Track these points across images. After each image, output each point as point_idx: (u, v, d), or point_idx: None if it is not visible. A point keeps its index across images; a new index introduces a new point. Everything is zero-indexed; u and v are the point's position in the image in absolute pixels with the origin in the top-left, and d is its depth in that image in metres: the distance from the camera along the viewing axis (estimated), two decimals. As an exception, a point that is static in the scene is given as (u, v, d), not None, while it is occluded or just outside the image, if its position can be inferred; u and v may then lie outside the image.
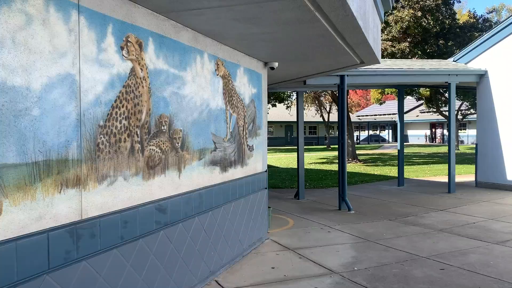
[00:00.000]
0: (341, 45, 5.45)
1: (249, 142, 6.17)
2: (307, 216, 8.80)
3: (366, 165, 20.46)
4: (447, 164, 20.21)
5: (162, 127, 4.08)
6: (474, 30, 19.96)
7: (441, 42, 18.44)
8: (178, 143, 4.33)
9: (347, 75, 9.37)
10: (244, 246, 5.96)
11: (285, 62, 6.82)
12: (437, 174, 15.82)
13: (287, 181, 14.98)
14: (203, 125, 4.84)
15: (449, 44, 18.65)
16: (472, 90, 18.57)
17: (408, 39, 17.47)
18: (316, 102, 40.24)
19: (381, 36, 17.09)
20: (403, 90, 12.37)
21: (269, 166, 22.26)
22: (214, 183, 5.08)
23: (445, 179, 14.24)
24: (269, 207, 7.63)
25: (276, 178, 15.89)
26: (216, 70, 5.14)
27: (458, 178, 13.11)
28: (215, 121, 5.12)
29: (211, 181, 5.02)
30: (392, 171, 17.01)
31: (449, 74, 10.74)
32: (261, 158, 6.64)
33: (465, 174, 15.25)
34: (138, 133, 3.74)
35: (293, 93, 37.24)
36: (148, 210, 3.84)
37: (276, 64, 6.74)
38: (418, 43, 18.16)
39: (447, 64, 11.51)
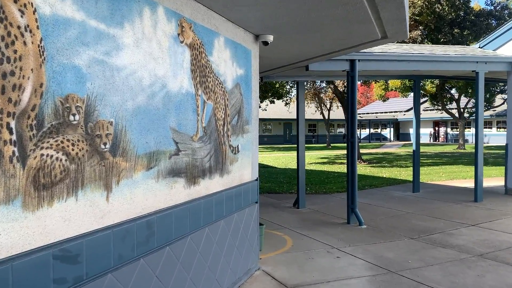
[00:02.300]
0: (362, 2, 3.77)
1: (232, 142, 4.50)
2: (309, 232, 7.13)
3: (371, 166, 18.81)
4: (460, 166, 18.69)
5: (71, 117, 2.40)
6: (492, 18, 18.27)
7: (456, 31, 16.73)
8: (105, 143, 2.66)
9: (359, 60, 7.70)
10: (224, 286, 4.29)
11: (283, 36, 5.14)
12: (454, 177, 14.16)
13: (285, 184, 13.32)
14: (156, 116, 3.16)
15: (464, 33, 16.94)
16: (493, 83, 16.93)
17: (420, 27, 15.80)
18: (316, 98, 38.64)
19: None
20: (419, 82, 10.70)
21: (266, 167, 20.57)
22: (175, 203, 3.41)
23: (465, 183, 12.61)
24: (261, 224, 5.97)
25: (273, 181, 14.23)
26: (179, 34, 3.46)
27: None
28: (178, 111, 3.45)
29: (170, 200, 3.35)
30: (402, 174, 15.36)
31: (477, 62, 9.08)
32: (250, 163, 4.97)
33: (484, 178, 13.57)
34: (13, 126, 2.06)
35: (293, 88, 35.53)
36: (39, 261, 2.17)
37: (270, 38, 5.06)
38: (431, 31, 16.47)
39: (473, 51, 9.86)
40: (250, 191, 4.93)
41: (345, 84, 20.35)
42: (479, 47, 10.41)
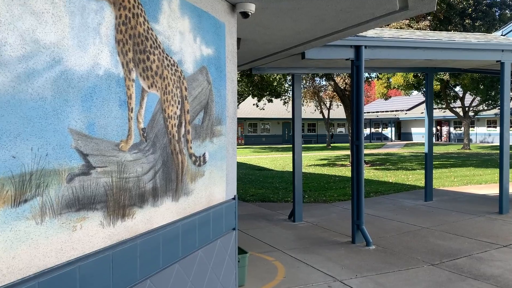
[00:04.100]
0: None
1: (195, 149, 3.19)
2: (306, 256, 5.83)
3: (375, 169, 17.50)
4: (471, 168, 17.26)
5: None
6: (506, 8, 16.98)
7: (467, 21, 15.44)
8: None
9: (365, 47, 6.40)
10: None
11: (269, 5, 3.84)
12: (468, 182, 12.85)
13: (281, 191, 12.00)
14: (39, 110, 1.86)
15: (476, 24, 15.66)
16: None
17: (429, 17, 14.51)
18: (316, 97, 37.42)
19: (396, 14, 14.05)
20: (432, 75, 9.41)
21: (262, 169, 19.19)
22: (83, 253, 2.10)
23: (482, 190, 11.31)
24: (244, 252, 4.69)
25: (268, 186, 12.91)
26: (92, -19, 2.15)
27: (496, 189, 10.12)
28: (88, 103, 2.14)
29: (72, 250, 2.04)
30: (410, 178, 14.05)
31: (502, 50, 7.78)
32: (224, 177, 3.66)
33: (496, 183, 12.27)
34: None
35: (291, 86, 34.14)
36: None
37: (251, 8, 3.76)
38: (440, 22, 15.19)
39: (496, 38, 8.56)
40: (223, 215, 3.62)
41: (346, 80, 19.05)
42: (501, 35, 9.11)
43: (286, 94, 34.44)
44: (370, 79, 27.91)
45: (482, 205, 9.08)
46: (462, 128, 39.36)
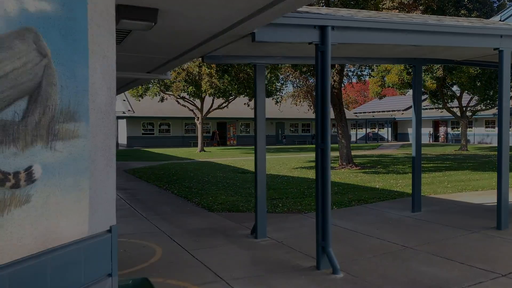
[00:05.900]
0: None
1: (2, 161, 1.97)
2: (254, 289, 4.61)
3: (364, 172, 16.29)
4: (467, 172, 15.94)
5: None
6: (504, -2, 15.88)
7: (462, 12, 14.29)
8: None
9: (332, 28, 5.18)
10: None
11: None
12: (463, 188, 11.62)
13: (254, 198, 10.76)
14: None
15: (472, 15, 14.50)
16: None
17: (421, 7, 13.34)
18: (309, 96, 36.28)
19: (386, 3, 12.91)
20: (421, 68, 8.19)
21: (245, 172, 17.86)
22: None
23: (478, 198, 10.10)
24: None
25: (242, 192, 11.67)
26: None
27: (494, 196, 8.86)
28: None
29: None
30: (399, 183, 12.83)
31: (501, 36, 6.57)
32: (83, 201, 2.43)
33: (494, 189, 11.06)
34: None
35: (284, 86, 32.87)
36: None
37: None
38: (433, 12, 14.02)
39: (493, 23, 7.37)
40: (82, 260, 2.40)
41: (334, 78, 17.87)
42: (500, 20, 7.91)
43: (277, 93, 33.23)
44: (362, 78, 26.77)
45: (477, 218, 7.85)
46: (460, 129, 38.23)
